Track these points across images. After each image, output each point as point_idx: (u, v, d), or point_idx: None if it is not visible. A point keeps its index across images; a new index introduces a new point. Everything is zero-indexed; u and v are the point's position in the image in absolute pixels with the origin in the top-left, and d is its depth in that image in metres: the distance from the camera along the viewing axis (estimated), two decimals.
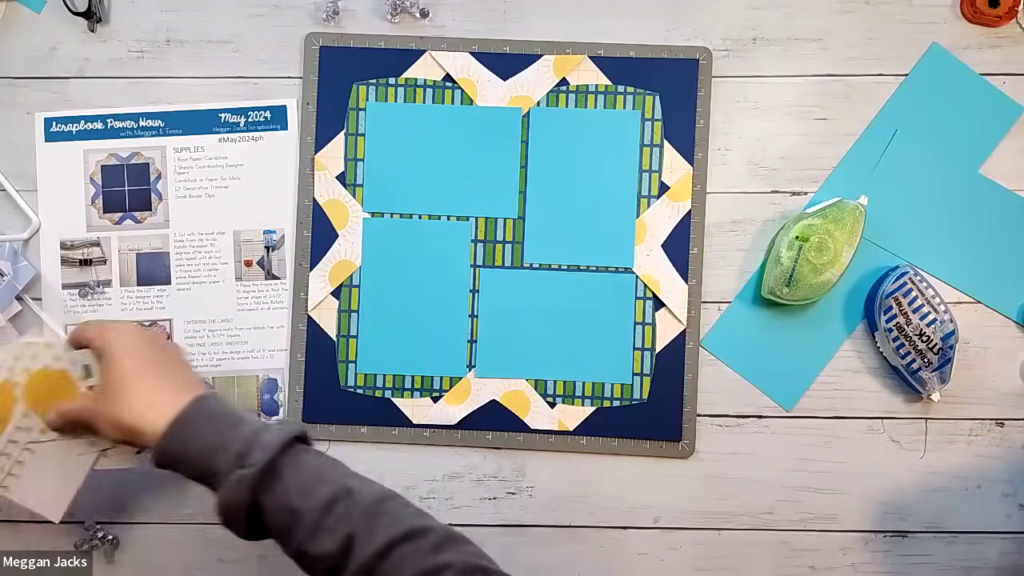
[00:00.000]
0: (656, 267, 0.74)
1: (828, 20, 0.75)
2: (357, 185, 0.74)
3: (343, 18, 0.75)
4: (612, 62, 0.74)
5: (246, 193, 0.75)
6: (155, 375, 0.60)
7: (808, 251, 0.70)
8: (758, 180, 0.75)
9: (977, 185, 0.74)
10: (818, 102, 0.74)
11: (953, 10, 0.75)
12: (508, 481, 0.74)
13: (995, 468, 0.74)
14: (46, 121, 0.75)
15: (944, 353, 0.71)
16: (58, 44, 0.75)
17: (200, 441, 0.57)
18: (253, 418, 0.59)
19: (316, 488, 0.55)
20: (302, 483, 0.55)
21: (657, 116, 0.74)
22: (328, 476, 0.56)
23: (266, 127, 0.75)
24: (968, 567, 0.74)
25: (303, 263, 0.74)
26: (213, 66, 0.75)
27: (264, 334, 0.75)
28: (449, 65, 0.74)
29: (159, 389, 0.59)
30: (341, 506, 0.55)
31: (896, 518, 0.74)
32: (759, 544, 0.74)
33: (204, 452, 0.56)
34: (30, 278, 0.73)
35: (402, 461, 0.74)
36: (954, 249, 0.74)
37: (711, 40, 0.74)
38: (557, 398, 0.74)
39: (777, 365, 0.74)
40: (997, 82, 0.74)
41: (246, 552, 0.74)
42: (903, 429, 0.74)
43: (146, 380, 0.59)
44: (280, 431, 0.56)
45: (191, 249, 0.75)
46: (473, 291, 0.74)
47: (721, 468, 0.74)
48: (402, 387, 0.74)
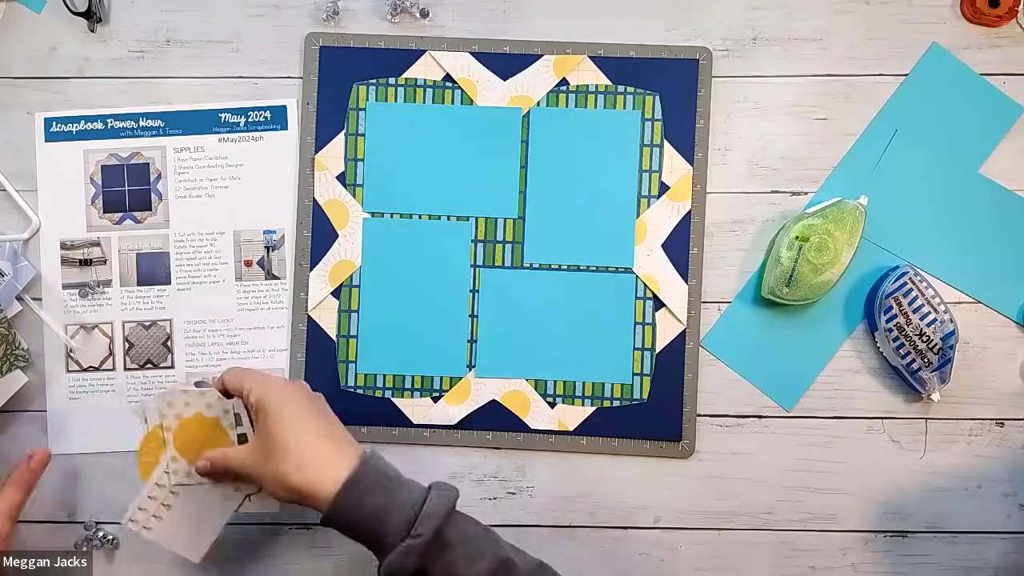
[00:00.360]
0: (656, 267, 0.74)
1: (828, 20, 0.75)
2: (357, 185, 0.74)
3: (343, 18, 0.75)
4: (612, 62, 0.74)
5: (246, 193, 0.75)
6: (318, 433, 0.60)
7: (808, 251, 0.70)
8: (758, 180, 0.75)
9: (977, 185, 0.74)
10: (818, 102, 0.74)
11: (953, 10, 0.75)
12: (508, 481, 0.74)
13: (995, 468, 0.74)
14: (46, 121, 0.75)
15: (944, 353, 0.71)
16: (58, 44, 0.75)
17: (369, 506, 0.58)
18: (411, 480, 0.60)
19: (479, 559, 0.57)
20: (468, 553, 0.57)
21: (657, 116, 0.74)
22: (487, 546, 0.59)
23: (266, 127, 0.75)
24: (968, 567, 0.74)
25: (303, 263, 0.74)
26: (213, 66, 0.75)
27: (264, 334, 0.75)
28: (449, 65, 0.74)
29: (325, 449, 0.59)
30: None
31: (896, 518, 0.74)
32: (759, 544, 0.74)
33: (373, 518, 0.57)
34: (30, 278, 0.73)
35: (402, 461, 0.74)
36: (954, 249, 0.74)
37: (711, 40, 0.74)
38: (557, 398, 0.74)
39: (777, 365, 0.74)
40: (997, 82, 0.74)
41: (246, 552, 0.74)
42: (903, 429, 0.74)
43: (310, 439, 0.59)
44: (443, 499, 0.58)
45: (191, 249, 0.75)
46: (473, 291, 0.74)
47: (721, 468, 0.74)
48: (402, 387, 0.74)
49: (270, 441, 0.60)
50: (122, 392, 0.74)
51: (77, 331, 0.75)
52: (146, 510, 0.69)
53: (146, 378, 0.75)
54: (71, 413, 0.74)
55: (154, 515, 0.69)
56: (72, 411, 0.74)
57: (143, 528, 0.69)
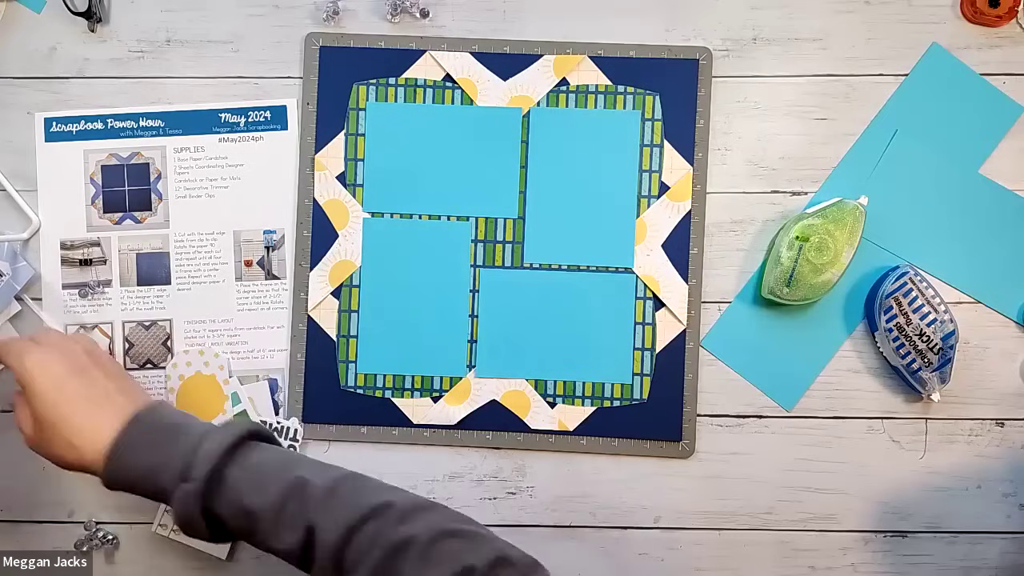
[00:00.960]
0: (656, 267, 0.74)
1: (828, 20, 0.75)
2: (357, 185, 0.74)
3: (343, 18, 0.75)
4: (612, 62, 0.74)
5: (246, 193, 0.75)
6: (82, 402, 0.58)
7: (808, 251, 0.70)
8: (758, 180, 0.75)
9: (977, 185, 0.74)
10: (818, 102, 0.74)
11: (953, 10, 0.75)
12: (508, 481, 0.74)
13: (995, 468, 0.74)
14: (46, 121, 0.75)
15: (944, 353, 0.71)
16: (58, 44, 0.75)
17: (142, 464, 0.56)
18: (196, 426, 0.58)
19: (268, 486, 0.55)
20: (252, 484, 0.55)
21: (657, 116, 0.74)
22: (279, 471, 0.56)
23: (266, 127, 0.75)
24: (968, 567, 0.74)
25: (303, 263, 0.74)
26: (213, 66, 0.75)
27: (264, 334, 0.75)
28: (449, 65, 0.74)
29: (91, 417, 0.58)
30: (295, 500, 0.54)
31: (896, 518, 0.74)
32: (759, 544, 0.74)
33: (148, 475, 0.56)
34: (28, 278, 0.73)
35: (402, 461, 0.74)
36: (954, 249, 0.74)
37: (711, 40, 0.74)
38: (557, 398, 0.74)
39: (777, 365, 0.74)
40: (997, 82, 0.74)
41: (246, 552, 0.74)
42: (903, 429, 0.74)
43: (73, 410, 0.58)
44: (221, 437, 0.56)
45: (191, 249, 0.75)
46: (473, 291, 0.74)
47: (721, 468, 0.74)
48: (402, 387, 0.74)
49: (40, 421, 0.59)
50: None
51: (77, 331, 0.75)
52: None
53: (146, 378, 0.74)
54: None
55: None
56: None
57: (171, 531, 0.71)
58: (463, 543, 0.53)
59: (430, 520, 0.54)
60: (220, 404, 0.73)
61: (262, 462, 0.57)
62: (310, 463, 0.58)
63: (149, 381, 0.74)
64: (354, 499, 0.55)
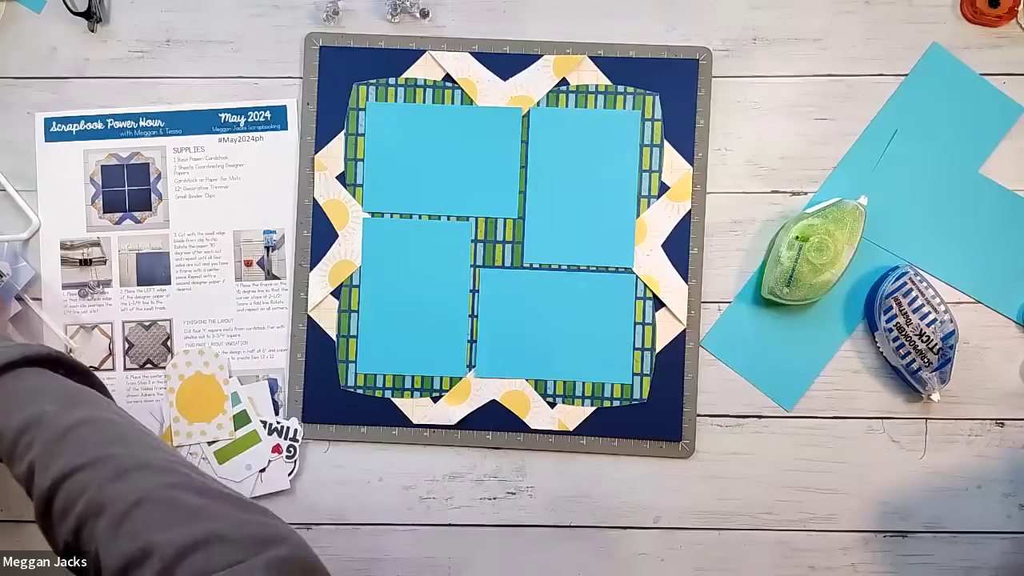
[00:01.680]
0: (656, 267, 0.74)
1: (828, 20, 0.75)
2: (357, 185, 0.74)
3: (343, 18, 0.75)
4: (612, 62, 0.74)
5: (246, 193, 0.75)
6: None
7: (808, 251, 0.70)
8: (758, 180, 0.75)
9: (977, 185, 0.74)
10: (818, 102, 0.74)
11: (953, 10, 0.75)
12: (508, 481, 0.74)
13: (995, 468, 0.74)
14: (46, 121, 0.75)
15: (944, 353, 0.71)
16: (58, 44, 0.75)
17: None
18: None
19: (15, 412, 0.54)
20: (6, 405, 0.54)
21: (657, 116, 0.74)
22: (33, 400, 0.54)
23: (266, 127, 0.75)
24: (968, 567, 0.74)
25: (303, 263, 0.74)
26: (213, 66, 0.75)
27: (264, 334, 0.75)
28: (449, 65, 0.74)
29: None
30: (30, 432, 0.53)
31: (896, 518, 0.74)
32: (759, 544, 0.74)
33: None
34: (29, 278, 0.73)
35: (402, 461, 0.74)
36: (954, 249, 0.74)
37: (711, 40, 0.74)
38: (557, 398, 0.74)
39: (777, 365, 0.74)
40: (997, 82, 0.74)
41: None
42: (903, 429, 0.74)
43: None
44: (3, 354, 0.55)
45: (191, 249, 0.75)
46: (473, 291, 0.74)
47: (721, 468, 0.74)
48: (402, 387, 0.74)
49: None
50: (122, 392, 0.74)
51: (77, 331, 0.75)
52: None
53: (146, 378, 0.74)
54: None
55: None
56: None
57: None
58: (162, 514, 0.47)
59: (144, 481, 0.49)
60: (220, 404, 0.73)
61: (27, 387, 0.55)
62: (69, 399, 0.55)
63: (149, 381, 0.74)
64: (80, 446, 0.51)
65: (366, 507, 0.74)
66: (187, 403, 0.73)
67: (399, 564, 0.74)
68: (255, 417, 0.73)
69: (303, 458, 0.74)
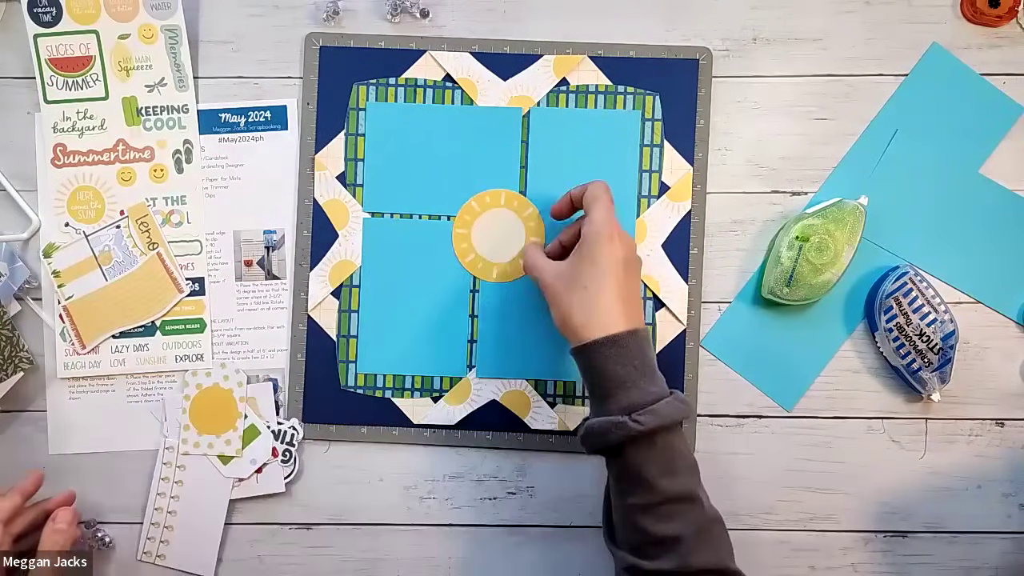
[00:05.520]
0: (656, 267, 0.74)
1: (828, 20, 0.75)
2: (357, 185, 0.74)
3: (343, 18, 0.75)
4: (612, 62, 0.74)
5: (246, 193, 0.75)
6: (616, 292, 0.62)
7: (808, 251, 0.70)
8: (758, 180, 0.75)
9: (977, 185, 0.74)
10: (818, 102, 0.74)
11: (953, 10, 0.75)
12: (508, 481, 0.74)
13: (995, 468, 0.74)
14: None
15: (944, 353, 0.71)
16: None
17: (612, 367, 0.60)
18: (661, 380, 0.62)
19: (674, 476, 0.59)
20: (665, 464, 0.59)
21: (657, 116, 0.74)
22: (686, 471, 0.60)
23: (266, 127, 0.75)
24: (968, 567, 0.74)
25: (303, 263, 0.74)
26: (213, 66, 0.75)
27: (264, 334, 0.75)
28: (449, 65, 0.74)
29: (613, 306, 0.61)
30: (686, 506, 0.59)
31: (896, 518, 0.74)
32: (759, 544, 0.74)
33: (609, 378, 0.60)
34: (25, 278, 0.73)
35: (402, 461, 0.74)
36: (954, 249, 0.74)
37: (711, 40, 0.74)
38: (557, 398, 0.74)
39: (777, 365, 0.74)
40: (997, 82, 0.74)
41: (246, 552, 0.74)
42: (903, 429, 0.74)
43: (608, 292, 0.61)
44: (674, 409, 0.60)
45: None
46: (473, 291, 0.74)
47: (721, 468, 0.74)
48: (402, 387, 0.74)
49: (575, 276, 0.63)
50: (122, 392, 0.74)
51: None
52: (154, 539, 0.73)
53: (146, 378, 0.74)
54: (71, 413, 0.74)
55: (161, 541, 0.73)
56: (72, 411, 0.74)
57: (156, 558, 0.73)
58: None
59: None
60: (232, 421, 0.73)
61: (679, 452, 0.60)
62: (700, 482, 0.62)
63: (150, 381, 0.74)
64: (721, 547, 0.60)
65: (366, 507, 0.74)
66: (200, 414, 0.73)
67: (399, 564, 0.74)
68: (255, 418, 0.73)
69: (303, 458, 0.74)
